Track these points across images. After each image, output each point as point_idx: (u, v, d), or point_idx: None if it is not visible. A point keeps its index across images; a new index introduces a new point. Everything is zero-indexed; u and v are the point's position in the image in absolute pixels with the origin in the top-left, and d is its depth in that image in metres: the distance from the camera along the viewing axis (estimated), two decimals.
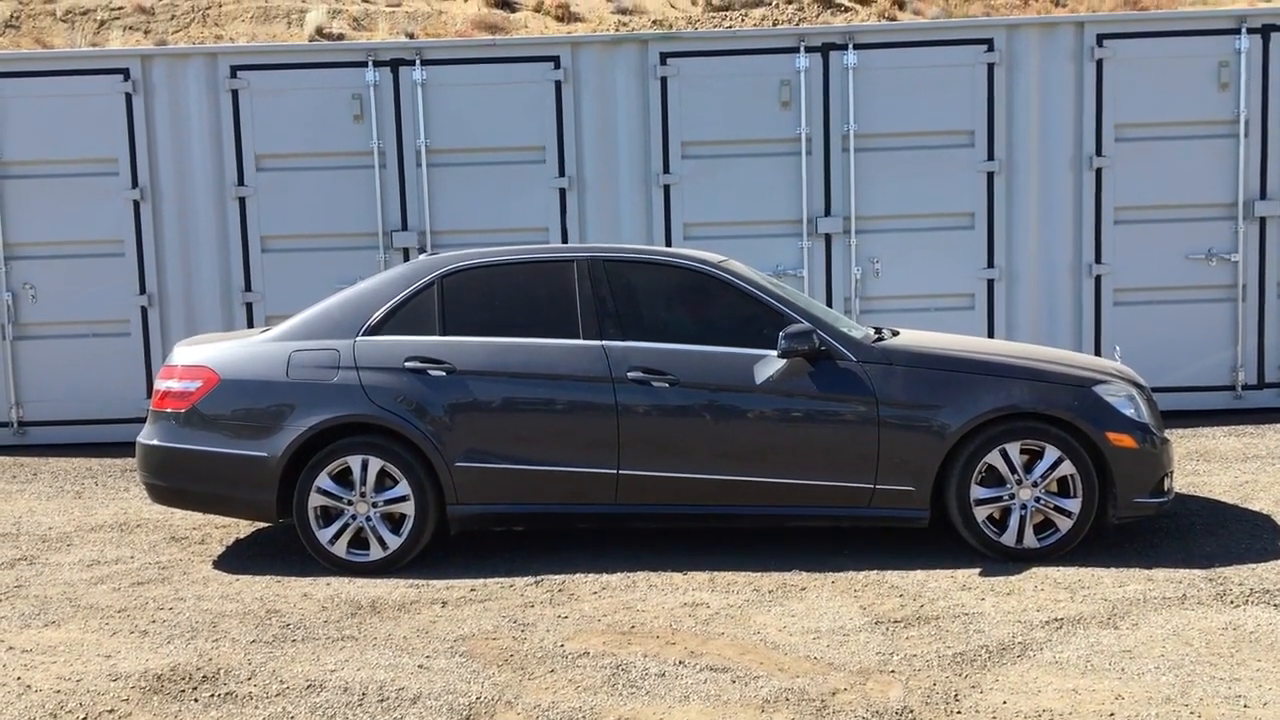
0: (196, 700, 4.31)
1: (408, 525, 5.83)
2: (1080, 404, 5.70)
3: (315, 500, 5.82)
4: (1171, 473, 5.88)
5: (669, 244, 9.15)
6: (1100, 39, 9.13)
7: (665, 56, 9.19)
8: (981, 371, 5.77)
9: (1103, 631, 4.72)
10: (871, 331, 6.26)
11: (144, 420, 6.30)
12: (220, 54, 9.38)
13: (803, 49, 9.17)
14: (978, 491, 5.68)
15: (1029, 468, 5.68)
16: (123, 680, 4.49)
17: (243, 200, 9.30)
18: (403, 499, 5.82)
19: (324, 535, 5.84)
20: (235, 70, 9.23)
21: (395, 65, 9.24)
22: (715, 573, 5.64)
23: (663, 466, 5.78)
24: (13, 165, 9.31)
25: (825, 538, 6.16)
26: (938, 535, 5.96)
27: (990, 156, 9.20)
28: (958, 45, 9.20)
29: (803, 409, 5.76)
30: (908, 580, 5.45)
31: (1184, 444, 8.16)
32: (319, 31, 23.12)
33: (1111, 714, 3.98)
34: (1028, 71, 9.20)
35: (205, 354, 6.10)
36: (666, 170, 9.24)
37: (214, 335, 7.13)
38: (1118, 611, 4.93)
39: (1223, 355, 9.34)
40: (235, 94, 9.23)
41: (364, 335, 5.97)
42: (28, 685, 4.47)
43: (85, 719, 4.17)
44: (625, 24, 23.72)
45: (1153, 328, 9.26)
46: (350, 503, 5.83)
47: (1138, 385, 6.01)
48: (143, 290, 9.36)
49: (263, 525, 6.75)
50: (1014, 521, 5.67)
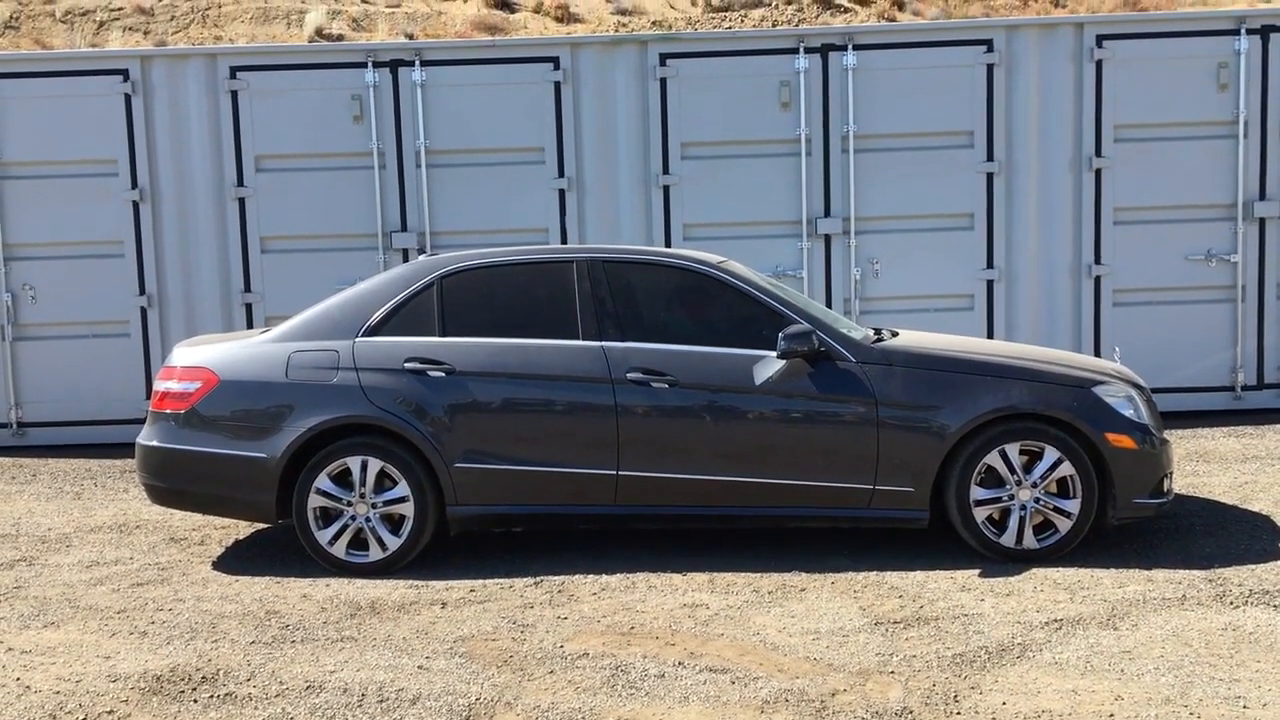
0: (196, 701, 4.31)
1: (407, 526, 5.83)
2: (1080, 405, 5.70)
3: (315, 501, 5.82)
4: (1171, 473, 5.88)
5: (668, 245, 9.15)
6: (1100, 40, 9.13)
7: (665, 57, 9.19)
8: (981, 372, 5.77)
9: (1102, 632, 4.72)
10: (871, 332, 6.26)
11: (143, 421, 6.30)
12: (220, 55, 9.38)
13: (802, 50, 9.17)
14: (977, 492, 5.68)
15: (1028, 468, 5.68)
16: (122, 681, 4.49)
17: (242, 201, 9.29)
18: (402, 500, 5.82)
19: (323, 536, 5.84)
20: (235, 71, 9.23)
21: (395, 66, 9.24)
22: (715, 573, 5.63)
23: (662, 467, 5.78)
24: (12, 166, 9.30)
25: (825, 539, 6.16)
26: (937, 536, 5.96)
27: (990, 157, 9.20)
28: (957, 46, 9.20)
29: (802, 410, 5.76)
30: (907, 581, 5.45)
31: (1183, 445, 8.16)
32: (318, 32, 23.13)
33: (1111, 715, 3.98)
34: (1027, 72, 9.20)
35: (205, 355, 6.10)
36: (666, 171, 9.23)
37: (213, 336, 7.12)
38: (1117, 612, 4.93)
39: (1222, 356, 9.34)
40: (235, 95, 9.23)
41: (363, 336, 5.97)
42: (27, 686, 4.47)
43: None
44: (625, 25, 23.72)
45: (1152, 329, 9.26)
46: (350, 504, 5.82)
47: (1137, 386, 6.01)
48: (142, 291, 9.36)
49: (262, 526, 6.75)
50: (1013, 522, 5.67)
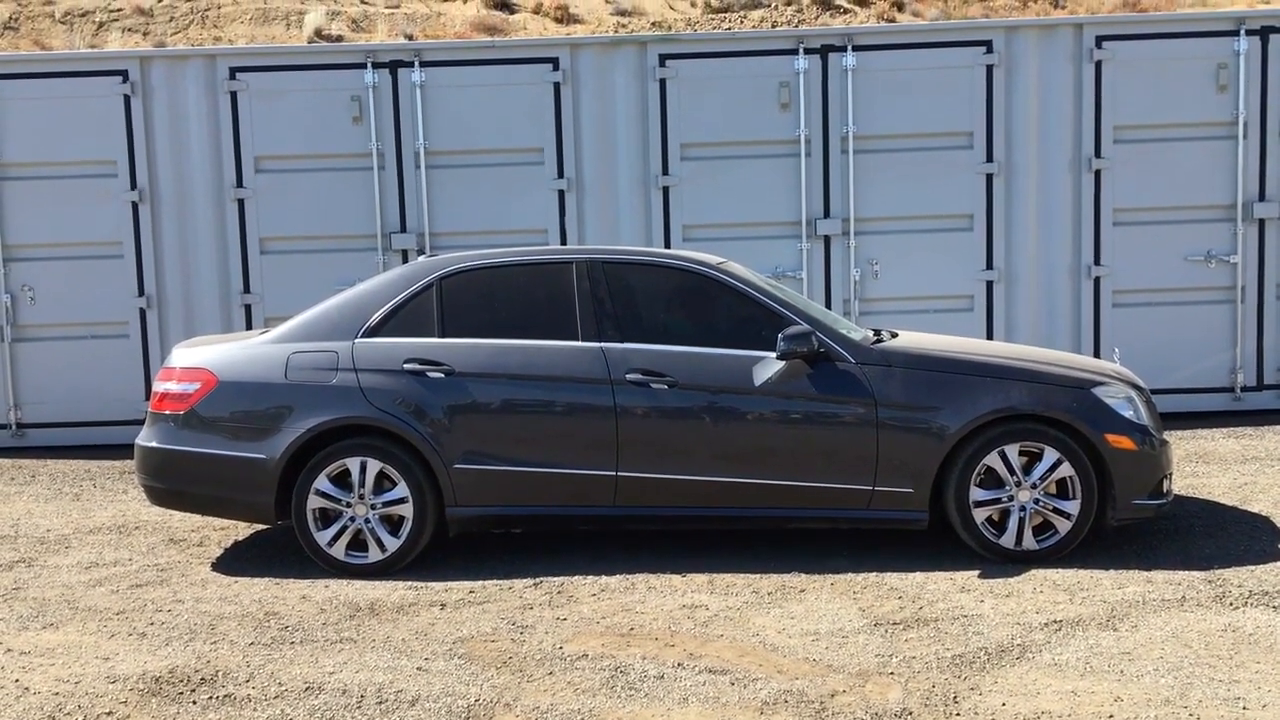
0: (195, 702, 4.31)
1: (406, 527, 5.82)
2: (1079, 406, 5.70)
3: (314, 502, 5.82)
4: (1170, 474, 5.88)
5: (668, 246, 9.15)
6: (1099, 41, 9.13)
7: (664, 58, 9.19)
8: (980, 373, 5.77)
9: (1102, 633, 4.72)
10: (870, 333, 6.25)
11: (143, 422, 6.29)
12: (219, 55, 9.38)
13: (802, 51, 9.17)
14: (977, 493, 5.68)
15: (1028, 469, 5.68)
16: (121, 682, 4.49)
17: (241, 202, 9.29)
18: (401, 501, 5.82)
19: (322, 537, 5.83)
20: (234, 72, 9.23)
21: (394, 67, 9.24)
22: (714, 575, 5.63)
23: (662, 468, 5.78)
24: (11, 167, 9.30)
25: (824, 540, 6.15)
26: (937, 537, 5.96)
27: (989, 158, 9.20)
28: (957, 47, 9.20)
29: (802, 411, 5.76)
30: (907, 582, 5.45)
31: (1183, 446, 8.16)
32: (318, 33, 23.14)
33: (1110, 716, 3.98)
34: (1027, 73, 9.20)
35: (204, 356, 6.10)
36: (665, 172, 9.23)
37: (213, 337, 7.12)
38: (1117, 613, 4.93)
39: (1222, 357, 9.34)
40: (234, 95, 9.22)
41: (363, 337, 5.96)
42: (26, 687, 4.47)
43: None
44: (624, 25, 23.73)
45: (1152, 329, 9.26)
46: (349, 505, 5.82)
47: (1136, 387, 6.01)
48: (141, 292, 9.35)
49: (261, 527, 6.75)
50: (1013, 523, 5.67)
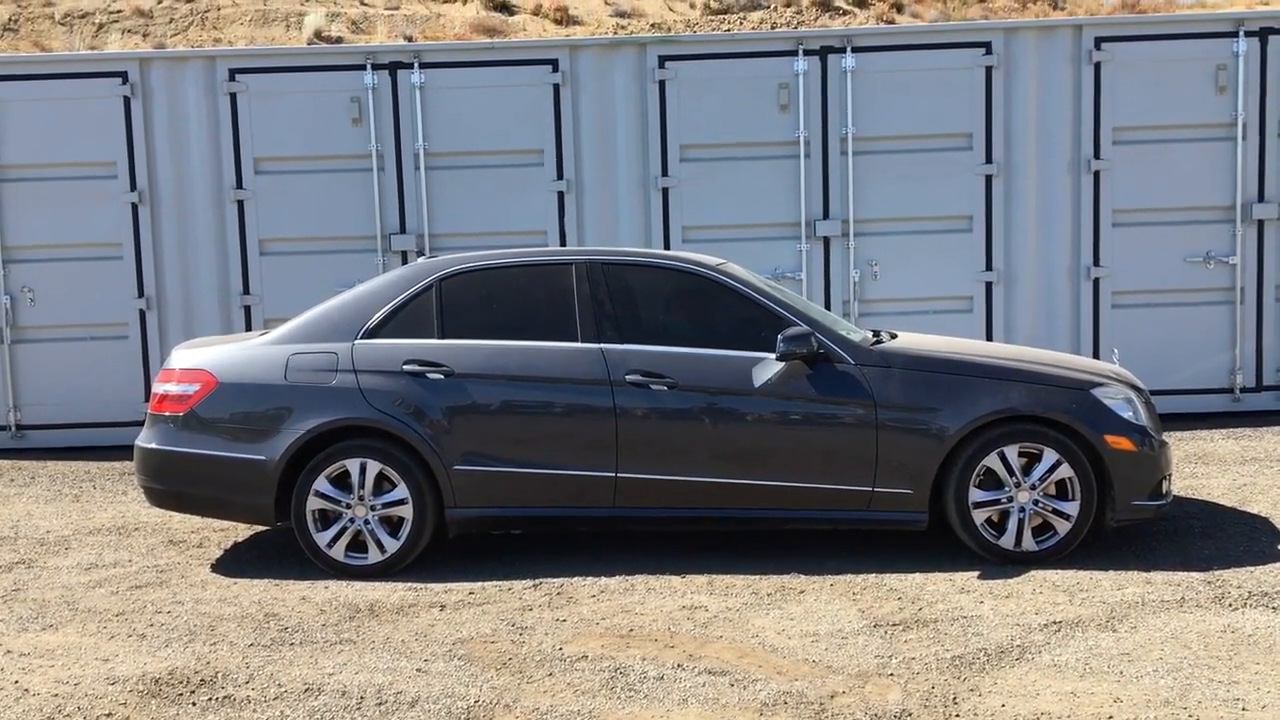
0: (194, 704, 4.31)
1: (406, 528, 5.82)
2: (1078, 407, 5.70)
3: (313, 503, 5.82)
4: (1170, 475, 5.88)
5: (667, 247, 9.15)
6: (1098, 42, 9.14)
7: (663, 59, 9.19)
8: (980, 374, 5.77)
9: (1101, 634, 4.72)
10: (870, 334, 6.26)
11: (142, 423, 6.30)
12: (219, 57, 9.38)
13: (801, 52, 9.18)
14: (976, 494, 5.68)
15: (1027, 470, 5.68)
16: (120, 684, 4.49)
17: (241, 203, 9.29)
18: (401, 502, 5.82)
19: (322, 538, 5.83)
20: (234, 73, 9.23)
21: (394, 68, 9.24)
22: (714, 576, 5.63)
23: (661, 469, 5.78)
24: (11, 168, 9.30)
25: (824, 541, 6.16)
26: (936, 538, 5.96)
27: (988, 159, 9.20)
28: (956, 48, 9.20)
29: (801, 412, 5.76)
30: (906, 583, 5.45)
31: (1182, 447, 8.16)
32: (317, 34, 23.15)
33: (1110, 717, 3.98)
34: (1026, 74, 9.20)
35: (203, 357, 6.10)
36: (665, 173, 9.24)
37: (212, 338, 7.12)
38: (1116, 614, 4.93)
39: (1221, 358, 9.34)
40: (234, 97, 9.22)
41: (362, 338, 5.97)
42: (25, 689, 4.47)
43: None
44: (623, 27, 23.74)
45: (1151, 330, 9.26)
46: (348, 506, 5.82)
47: (1136, 388, 6.01)
48: (141, 293, 9.35)
49: (261, 529, 6.75)
50: (1012, 524, 5.67)
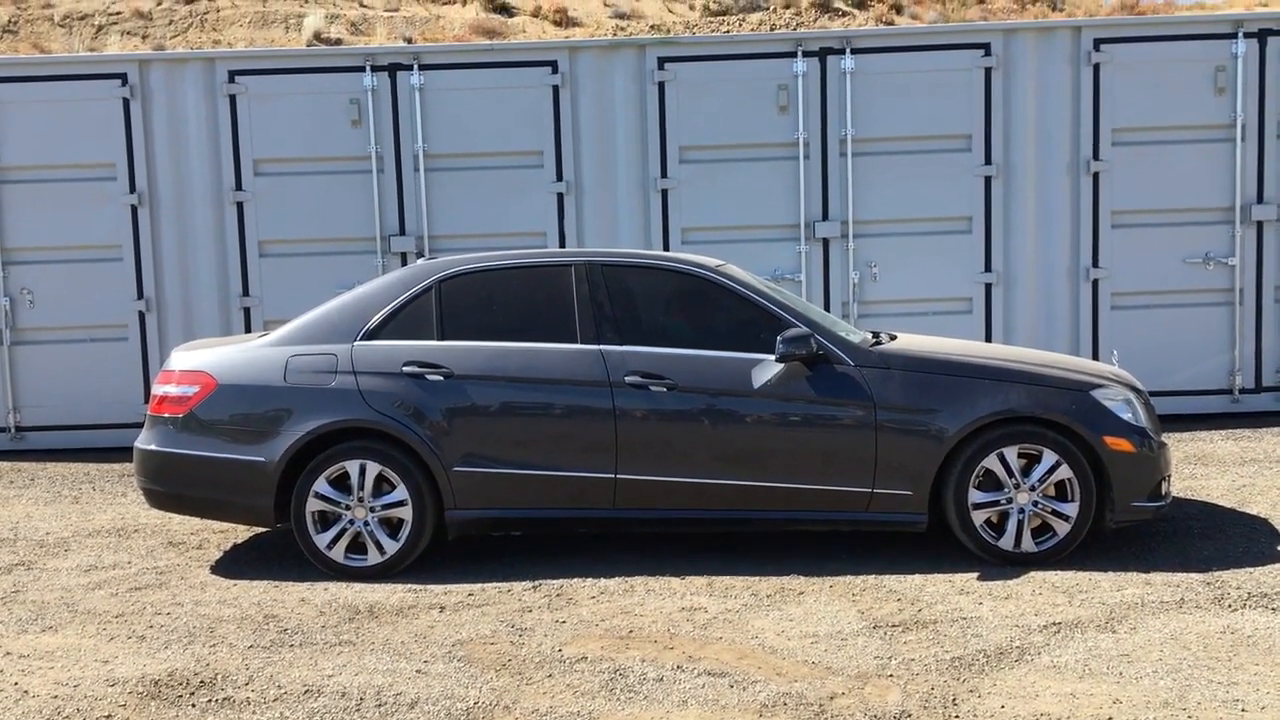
0: (194, 705, 4.31)
1: (405, 530, 5.82)
2: (1078, 408, 5.70)
3: (313, 505, 5.82)
4: (1169, 476, 5.88)
5: (667, 249, 9.16)
6: (1097, 43, 9.15)
7: (663, 61, 9.20)
8: (979, 375, 5.77)
9: (1100, 635, 4.72)
10: (869, 336, 6.26)
11: (142, 425, 6.30)
12: (218, 59, 9.39)
13: (800, 54, 9.18)
14: (975, 495, 5.68)
15: (1026, 472, 5.68)
16: (120, 685, 4.49)
17: (240, 205, 9.30)
18: (400, 504, 5.82)
19: (322, 540, 5.83)
20: (233, 75, 9.23)
21: (393, 70, 9.25)
22: (713, 577, 5.63)
23: (661, 471, 5.78)
24: (10, 170, 9.30)
25: (823, 542, 6.16)
26: (936, 539, 5.96)
27: (988, 161, 9.21)
28: (955, 50, 9.21)
29: (800, 413, 5.76)
30: (906, 584, 5.45)
31: (1181, 448, 8.16)
32: (317, 36, 23.16)
33: (1110, 718, 3.98)
34: (1025, 76, 9.21)
35: (203, 359, 6.10)
36: (664, 175, 9.24)
37: (212, 340, 7.12)
38: (1115, 615, 4.93)
39: (1220, 359, 9.35)
40: (233, 99, 9.23)
41: (362, 340, 5.97)
42: (25, 690, 4.47)
43: None
44: (623, 29, 23.75)
45: (1150, 332, 9.27)
46: (348, 507, 5.82)
47: (1135, 389, 6.01)
48: (140, 295, 9.35)
49: (260, 530, 6.75)
50: (1012, 525, 5.67)
